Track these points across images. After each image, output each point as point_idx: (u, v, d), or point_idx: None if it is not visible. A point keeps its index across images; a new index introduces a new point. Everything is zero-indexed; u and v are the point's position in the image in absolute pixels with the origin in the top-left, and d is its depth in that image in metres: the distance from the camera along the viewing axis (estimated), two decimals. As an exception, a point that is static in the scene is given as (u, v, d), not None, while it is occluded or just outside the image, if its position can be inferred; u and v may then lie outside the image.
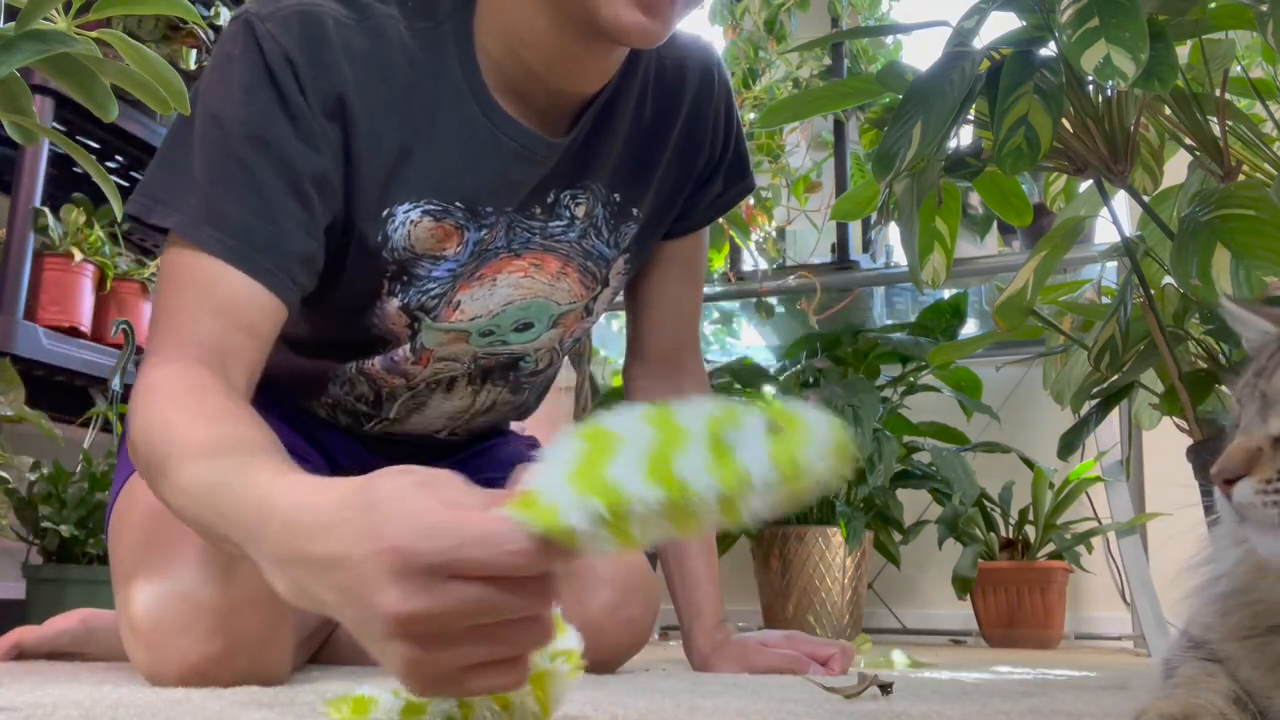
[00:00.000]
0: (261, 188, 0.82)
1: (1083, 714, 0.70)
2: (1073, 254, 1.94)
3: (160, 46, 1.89)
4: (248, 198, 0.81)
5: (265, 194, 0.82)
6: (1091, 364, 1.08)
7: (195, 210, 0.81)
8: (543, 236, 0.99)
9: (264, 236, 0.81)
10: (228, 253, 0.80)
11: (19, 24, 0.69)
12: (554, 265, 1.01)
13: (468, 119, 0.91)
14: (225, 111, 0.82)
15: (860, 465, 2.18)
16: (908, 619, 2.60)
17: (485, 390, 1.08)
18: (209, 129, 0.83)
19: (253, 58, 0.83)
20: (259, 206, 0.81)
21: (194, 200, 0.81)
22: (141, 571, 0.81)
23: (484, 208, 0.94)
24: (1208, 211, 0.88)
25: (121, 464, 1.00)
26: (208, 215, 0.81)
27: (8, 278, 1.65)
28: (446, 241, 0.94)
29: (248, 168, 0.81)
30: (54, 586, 1.51)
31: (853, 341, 2.42)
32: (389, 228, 0.91)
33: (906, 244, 1.14)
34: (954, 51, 0.97)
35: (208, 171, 0.82)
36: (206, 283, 0.80)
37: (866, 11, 2.74)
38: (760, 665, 1.05)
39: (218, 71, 0.85)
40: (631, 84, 1.01)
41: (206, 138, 0.83)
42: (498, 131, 0.92)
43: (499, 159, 0.93)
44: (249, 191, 0.81)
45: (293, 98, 0.83)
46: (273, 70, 0.83)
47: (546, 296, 1.02)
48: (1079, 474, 2.20)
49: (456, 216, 0.93)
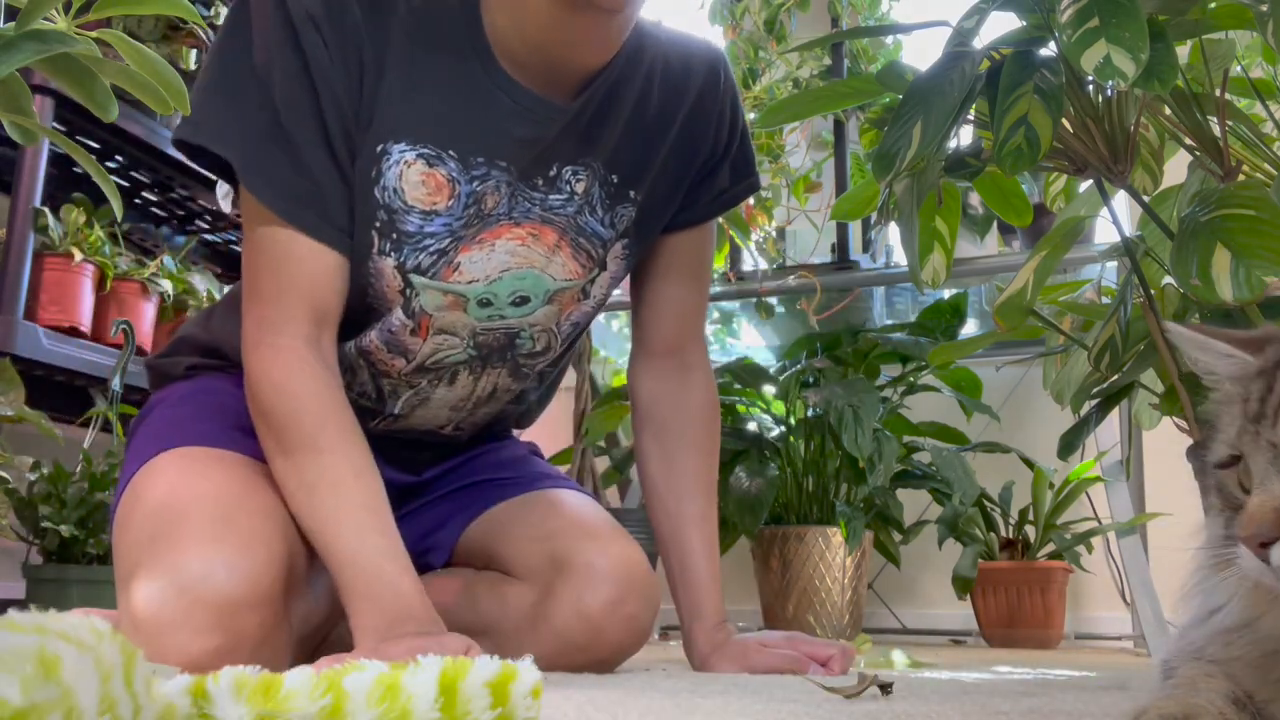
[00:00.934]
0: (298, 145, 0.91)
1: (1083, 714, 0.70)
2: (1073, 254, 1.94)
3: (160, 46, 1.89)
4: (288, 156, 0.91)
5: (302, 152, 0.91)
6: (1091, 364, 1.08)
7: (248, 156, 0.91)
8: (542, 208, 1.02)
9: (306, 192, 0.91)
10: (279, 208, 0.91)
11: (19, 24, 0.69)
12: (551, 237, 1.03)
13: (468, 73, 0.96)
14: (260, 66, 0.91)
15: (860, 465, 2.18)
16: (908, 619, 2.60)
17: (485, 375, 1.09)
18: (248, 82, 0.91)
19: (279, 14, 0.90)
20: (299, 165, 0.91)
21: (244, 146, 0.91)
22: (143, 567, 0.82)
23: (475, 158, 0.97)
24: (1208, 211, 0.88)
25: (126, 462, 1.00)
26: (258, 166, 0.91)
27: (8, 278, 1.65)
28: (437, 194, 0.97)
29: (285, 128, 0.90)
30: (54, 586, 1.51)
31: (853, 341, 2.42)
32: (383, 164, 0.95)
33: (906, 244, 1.14)
34: (954, 51, 0.97)
35: (253, 124, 0.91)
36: (283, 252, 0.92)
37: (866, 11, 2.74)
38: (760, 665, 1.05)
39: (248, 24, 0.92)
40: (636, 73, 1.04)
41: (245, 90, 0.91)
42: (494, 87, 0.96)
43: (494, 112, 0.97)
44: (289, 150, 0.91)
45: (316, 54, 0.90)
46: (297, 28, 0.90)
47: (542, 269, 1.04)
48: (1079, 474, 2.20)
49: (449, 166, 0.96)
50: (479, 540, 1.12)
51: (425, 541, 1.15)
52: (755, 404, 2.47)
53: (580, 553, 1.02)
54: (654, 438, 1.16)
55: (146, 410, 1.09)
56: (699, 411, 1.16)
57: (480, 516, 1.13)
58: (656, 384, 1.17)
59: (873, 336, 2.38)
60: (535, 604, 1.03)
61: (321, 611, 1.03)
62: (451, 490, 1.18)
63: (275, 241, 0.91)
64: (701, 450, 1.16)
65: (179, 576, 0.80)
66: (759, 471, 2.23)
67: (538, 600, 1.02)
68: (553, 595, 1.01)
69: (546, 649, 1.01)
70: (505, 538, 1.09)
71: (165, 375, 1.13)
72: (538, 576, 1.04)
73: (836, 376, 2.33)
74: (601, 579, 1.01)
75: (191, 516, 0.85)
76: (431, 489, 1.19)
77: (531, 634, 1.02)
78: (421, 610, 0.84)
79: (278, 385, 0.90)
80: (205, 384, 1.08)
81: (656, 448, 1.16)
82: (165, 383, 1.12)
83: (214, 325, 1.12)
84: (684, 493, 1.13)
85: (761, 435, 2.41)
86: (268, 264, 0.92)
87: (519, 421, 1.28)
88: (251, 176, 0.90)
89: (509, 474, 1.18)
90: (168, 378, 1.12)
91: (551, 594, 1.01)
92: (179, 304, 2.07)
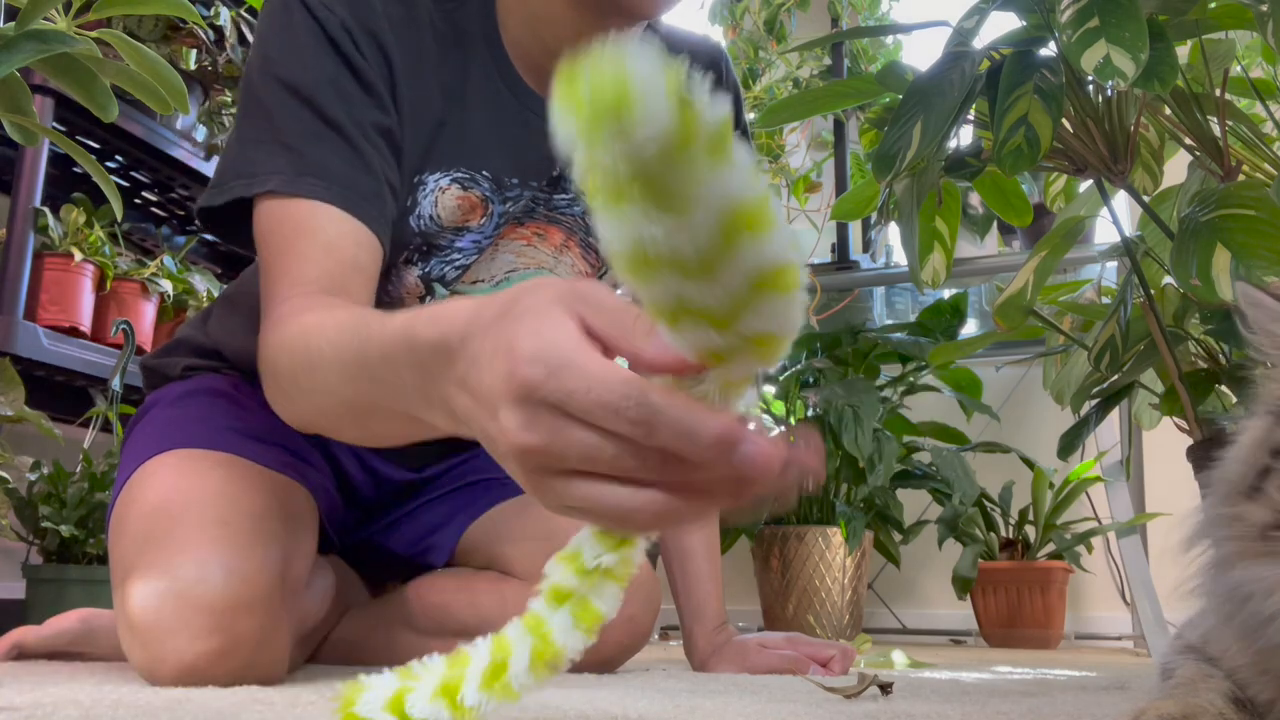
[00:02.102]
0: (351, 141, 0.86)
1: (1083, 714, 0.70)
2: (1073, 254, 1.94)
3: (160, 46, 1.89)
4: (342, 151, 0.85)
5: (356, 147, 0.86)
6: (1091, 364, 1.08)
7: (291, 168, 0.84)
8: (547, 208, 1.01)
9: (363, 183, 0.85)
10: (335, 197, 0.83)
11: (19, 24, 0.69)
12: (558, 237, 1.03)
13: (494, 94, 0.95)
14: (299, 79, 0.86)
15: (860, 465, 2.18)
16: (908, 619, 2.60)
17: None
18: (286, 99, 0.86)
19: (311, 26, 0.86)
20: (353, 158, 0.86)
21: (284, 161, 0.84)
22: (139, 569, 0.81)
23: (509, 179, 0.96)
24: (1208, 211, 0.88)
25: (122, 464, 1.00)
26: (307, 169, 0.84)
27: (8, 278, 1.65)
28: (471, 214, 0.96)
29: (335, 125, 0.85)
30: (54, 586, 1.51)
31: (853, 341, 2.42)
32: (419, 194, 0.94)
33: (906, 244, 1.14)
34: (954, 51, 0.97)
35: (298, 135, 0.85)
36: (315, 228, 0.82)
37: (866, 11, 2.74)
38: (760, 666, 1.05)
39: (280, 42, 0.88)
40: None
41: (284, 106, 0.86)
42: (522, 106, 0.95)
43: (525, 133, 0.96)
44: (342, 146, 0.85)
45: (357, 62, 0.87)
46: (334, 39, 0.87)
47: (550, 269, 1.03)
48: (1079, 474, 2.20)
49: (483, 187, 0.96)
50: (480, 540, 1.12)
51: (425, 541, 1.15)
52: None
53: (581, 553, 1.02)
54: (654, 439, 1.16)
55: (142, 411, 1.09)
56: (699, 412, 1.16)
57: (481, 516, 1.13)
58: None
59: (873, 336, 2.38)
60: (536, 603, 1.03)
61: (320, 612, 1.03)
62: (452, 489, 1.18)
63: (310, 229, 0.83)
64: (700, 450, 1.15)
65: (175, 579, 0.80)
66: (759, 471, 2.23)
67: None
68: (554, 595, 1.02)
69: (547, 648, 1.01)
70: (506, 537, 1.09)
71: (162, 376, 1.13)
72: (538, 576, 1.04)
73: (836, 376, 2.33)
74: (601, 579, 1.01)
75: (187, 519, 0.85)
76: (432, 488, 1.19)
77: (532, 633, 1.02)
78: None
79: (277, 344, 0.76)
80: (201, 384, 1.08)
81: (656, 448, 1.15)
82: (161, 383, 1.12)
83: (211, 326, 1.12)
84: (683, 493, 1.13)
85: (761, 435, 2.41)
86: (298, 249, 0.82)
87: None
88: (305, 180, 0.83)
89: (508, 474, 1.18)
90: (164, 378, 1.12)
91: (552, 594, 1.02)
92: (179, 304, 2.07)
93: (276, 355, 0.75)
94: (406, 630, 1.09)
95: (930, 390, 2.40)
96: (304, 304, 0.76)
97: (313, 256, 0.80)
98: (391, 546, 1.15)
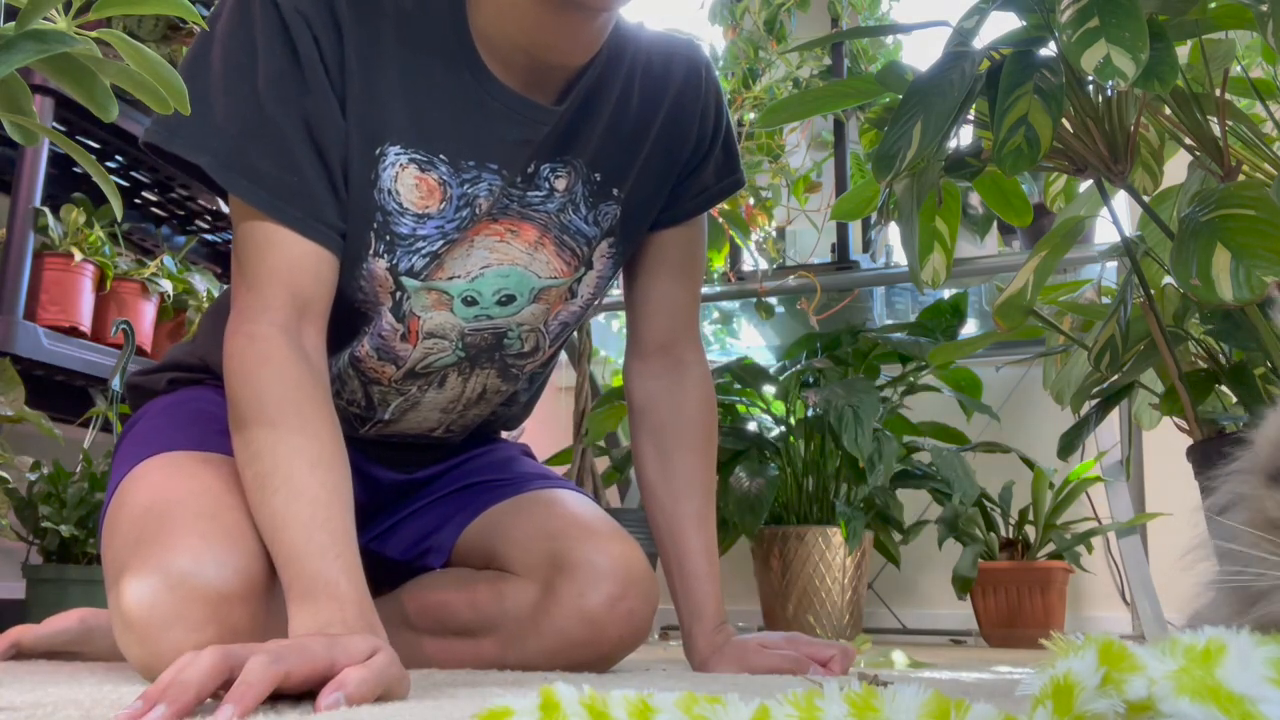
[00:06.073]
0: (285, 140, 0.88)
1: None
2: (1073, 254, 1.94)
3: (160, 46, 1.89)
4: (273, 151, 0.88)
5: (289, 147, 0.89)
6: (1091, 364, 1.08)
7: (225, 154, 0.87)
8: (520, 205, 1.02)
9: (292, 187, 0.88)
10: (263, 204, 0.87)
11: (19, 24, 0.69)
12: (531, 234, 1.03)
13: (456, 76, 0.96)
14: (245, 62, 0.88)
15: (860, 465, 2.18)
16: (908, 619, 2.60)
17: (474, 376, 1.09)
18: (234, 79, 0.88)
19: (269, 11, 0.89)
20: (285, 160, 0.88)
21: (220, 144, 0.88)
22: (132, 568, 0.82)
23: (466, 161, 0.97)
24: (1208, 211, 0.88)
25: (112, 472, 1.00)
26: (239, 164, 0.87)
27: (8, 278, 1.65)
28: (430, 198, 0.97)
29: (271, 122, 0.88)
30: (54, 586, 1.51)
31: (853, 341, 2.42)
32: (380, 166, 0.95)
33: (906, 244, 1.14)
34: (954, 51, 0.97)
35: (235, 121, 0.88)
36: (264, 241, 0.88)
37: (866, 11, 2.74)
38: (760, 666, 1.05)
39: (234, 20, 0.90)
40: (618, 71, 1.04)
41: (230, 88, 0.88)
42: (483, 91, 0.97)
43: (483, 116, 0.97)
44: (275, 145, 0.88)
45: (307, 50, 0.89)
46: (288, 23, 0.88)
47: (525, 266, 1.03)
48: (1079, 474, 2.20)
49: (440, 170, 0.96)
50: (478, 540, 1.12)
51: (424, 543, 1.15)
52: (755, 404, 2.47)
53: (581, 551, 1.02)
54: (650, 438, 1.16)
55: (131, 423, 1.09)
56: (695, 410, 1.16)
57: (479, 517, 1.14)
58: (651, 383, 1.16)
59: (873, 336, 2.39)
60: (536, 601, 1.03)
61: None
62: (449, 492, 1.18)
63: (260, 234, 0.88)
64: (698, 450, 1.15)
65: (169, 574, 0.80)
66: (759, 471, 2.24)
67: (538, 598, 1.03)
68: (554, 593, 1.02)
69: (547, 645, 1.01)
70: (505, 537, 1.09)
71: (147, 392, 1.14)
72: (538, 574, 1.04)
73: (836, 376, 2.33)
74: (602, 576, 1.01)
75: (178, 515, 0.85)
76: (428, 491, 1.19)
77: (533, 631, 1.02)
78: (355, 614, 0.75)
79: (246, 372, 0.85)
80: (187, 395, 1.09)
81: (653, 449, 1.15)
82: (147, 399, 1.12)
83: (198, 341, 1.13)
84: (681, 493, 1.13)
85: (761, 435, 2.41)
86: (252, 256, 0.89)
87: (507, 424, 1.28)
88: (234, 175, 0.87)
89: (505, 475, 1.18)
90: (150, 393, 1.13)
91: (552, 591, 1.02)
92: (179, 304, 2.07)
93: (236, 388, 0.86)
94: (405, 629, 1.09)
95: (930, 390, 2.40)
96: (268, 349, 0.86)
97: (264, 273, 0.88)
98: (389, 554, 1.16)
